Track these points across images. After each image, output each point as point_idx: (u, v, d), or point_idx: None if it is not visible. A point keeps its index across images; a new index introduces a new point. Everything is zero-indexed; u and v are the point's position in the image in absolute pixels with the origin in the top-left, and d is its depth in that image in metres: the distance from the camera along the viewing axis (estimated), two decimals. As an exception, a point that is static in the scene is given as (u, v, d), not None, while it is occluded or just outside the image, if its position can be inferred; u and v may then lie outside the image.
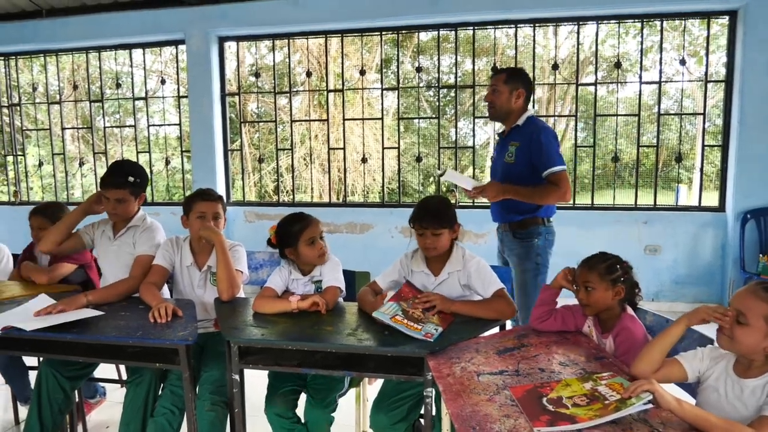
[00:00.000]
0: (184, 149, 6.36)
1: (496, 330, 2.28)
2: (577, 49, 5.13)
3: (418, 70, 5.70)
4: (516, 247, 3.09)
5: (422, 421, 2.67)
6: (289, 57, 5.74)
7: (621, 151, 5.30)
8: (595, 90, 5.12)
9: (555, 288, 2.16)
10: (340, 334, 2.07)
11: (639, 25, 4.99)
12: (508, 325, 2.46)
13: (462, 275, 2.37)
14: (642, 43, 4.91)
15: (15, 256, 3.32)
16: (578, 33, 5.00)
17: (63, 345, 2.25)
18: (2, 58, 6.49)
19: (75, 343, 2.22)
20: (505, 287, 2.33)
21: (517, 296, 2.95)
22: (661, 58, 4.85)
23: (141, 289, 2.51)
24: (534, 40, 5.20)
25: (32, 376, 3.18)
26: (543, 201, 2.97)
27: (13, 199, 6.73)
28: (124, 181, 2.67)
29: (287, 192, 8.64)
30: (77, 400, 2.99)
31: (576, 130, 5.29)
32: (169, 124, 6.89)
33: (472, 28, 5.20)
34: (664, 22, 4.82)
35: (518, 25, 5.08)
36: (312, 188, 9.99)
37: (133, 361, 2.27)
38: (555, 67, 5.18)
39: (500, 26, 5.19)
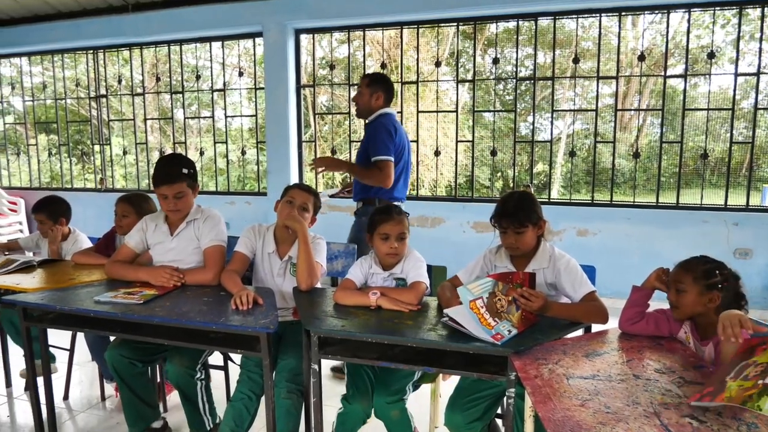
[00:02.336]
0: (258, 140, 6.50)
1: (579, 332, 2.18)
2: (666, 39, 4.85)
3: (495, 61, 5.56)
4: (354, 224, 3.58)
5: (498, 421, 2.62)
6: (363, 48, 5.75)
7: (702, 147, 4.98)
8: (685, 83, 4.83)
9: (647, 289, 2.03)
10: (420, 329, 2.03)
11: (727, 13, 4.66)
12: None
13: (548, 273, 2.28)
14: (739, 32, 4.59)
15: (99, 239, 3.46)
16: (668, 22, 4.73)
17: (148, 327, 2.32)
18: (91, 51, 6.83)
19: (159, 326, 2.28)
20: (596, 290, 2.21)
21: None
22: (760, 48, 4.51)
23: (222, 276, 2.56)
24: (619, 30, 4.95)
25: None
26: (366, 180, 3.44)
27: (99, 186, 7.08)
28: (180, 173, 2.63)
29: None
30: (158, 380, 3.11)
31: (662, 126, 5.02)
32: (244, 116, 7.03)
33: (552, 17, 5.02)
34: (758, 9, 4.48)
35: (602, 14, 4.86)
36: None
37: (214, 346, 2.32)
38: (642, 58, 4.92)
39: (583, 15, 4.97)
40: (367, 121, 3.57)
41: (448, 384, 2.83)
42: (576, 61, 5.11)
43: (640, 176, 12.82)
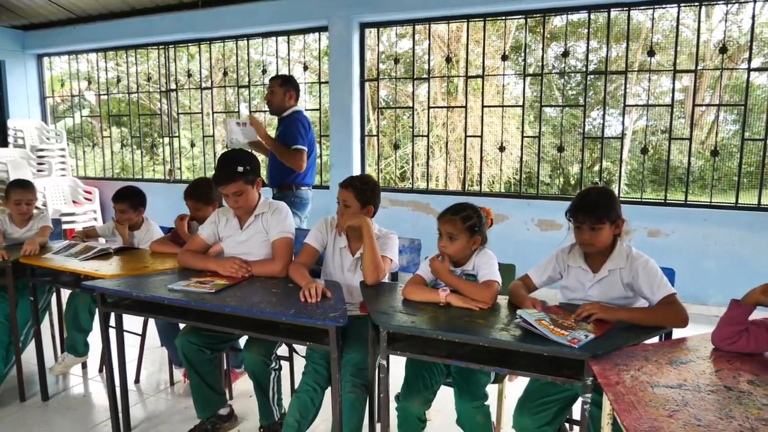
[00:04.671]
0: (321, 134, 6.56)
1: (656, 339, 2.07)
2: (752, 28, 4.57)
3: (565, 55, 5.39)
4: None
5: (566, 425, 2.53)
6: (429, 42, 5.69)
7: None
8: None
9: (749, 304, 1.82)
10: (492, 328, 1.97)
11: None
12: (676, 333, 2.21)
13: (625, 274, 2.17)
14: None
15: (170, 228, 3.56)
16: (754, 11, 4.45)
17: (218, 316, 2.36)
18: (162, 47, 7.06)
19: (229, 315, 2.31)
20: (676, 293, 2.09)
21: None
22: None
23: (290, 268, 2.58)
24: (699, 21, 4.70)
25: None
26: (284, 158, 3.92)
27: (168, 177, 7.33)
28: (234, 172, 2.64)
29: (415, 179, 8.65)
30: (225, 367, 3.17)
31: (744, 121, 4.73)
32: (308, 110, 7.09)
33: (626, 8, 4.82)
34: None
35: (681, 4, 4.63)
36: (437, 176, 9.93)
37: (282, 337, 2.33)
38: (723, 50, 4.65)
39: (660, 6, 4.74)
40: (282, 116, 4.06)
41: (514, 385, 2.77)
42: (651, 53, 4.88)
43: (711, 175, 12.21)
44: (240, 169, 2.65)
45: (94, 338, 3.59)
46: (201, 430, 2.75)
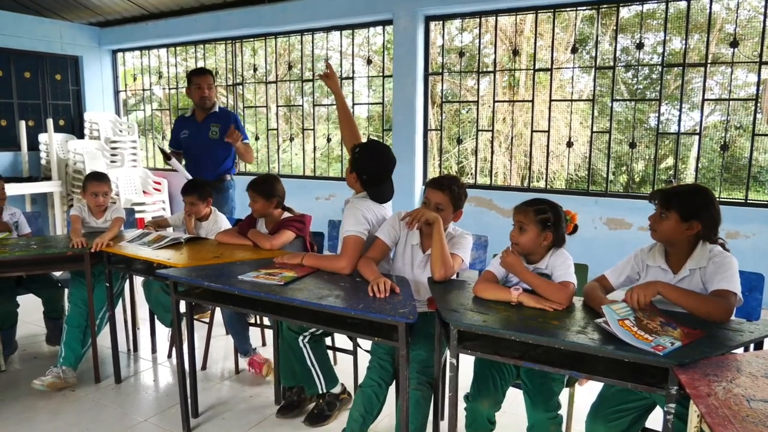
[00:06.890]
0: (384, 128, 6.55)
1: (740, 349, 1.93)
2: None
3: (639, 46, 5.15)
4: (218, 198, 4.08)
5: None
6: (495, 34, 5.57)
7: None
8: None
9: None
10: (568, 330, 1.89)
11: None
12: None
13: (706, 273, 2.04)
14: None
15: (237, 220, 3.64)
16: None
17: (286, 308, 2.38)
18: (229, 42, 7.21)
19: (298, 307, 2.32)
20: (734, 292, 1.93)
21: None
22: None
23: (360, 262, 2.56)
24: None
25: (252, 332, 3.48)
26: (249, 156, 4.27)
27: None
28: (353, 154, 2.82)
29: (474, 174, 8.50)
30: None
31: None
32: (372, 103, 7.09)
33: (708, -3, 4.57)
34: None
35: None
36: (496, 172, 9.74)
37: (349, 332, 2.33)
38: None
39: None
40: (213, 111, 4.27)
41: (585, 389, 2.67)
42: (734, 44, 4.61)
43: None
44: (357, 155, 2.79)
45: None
46: (320, 405, 2.88)
